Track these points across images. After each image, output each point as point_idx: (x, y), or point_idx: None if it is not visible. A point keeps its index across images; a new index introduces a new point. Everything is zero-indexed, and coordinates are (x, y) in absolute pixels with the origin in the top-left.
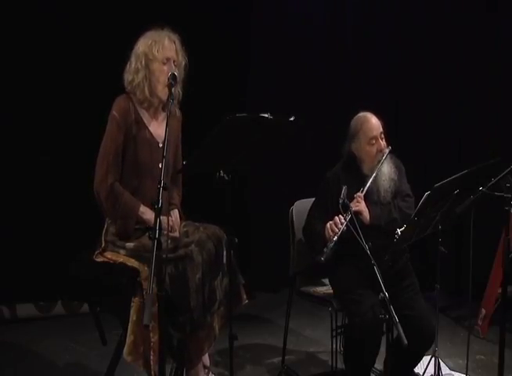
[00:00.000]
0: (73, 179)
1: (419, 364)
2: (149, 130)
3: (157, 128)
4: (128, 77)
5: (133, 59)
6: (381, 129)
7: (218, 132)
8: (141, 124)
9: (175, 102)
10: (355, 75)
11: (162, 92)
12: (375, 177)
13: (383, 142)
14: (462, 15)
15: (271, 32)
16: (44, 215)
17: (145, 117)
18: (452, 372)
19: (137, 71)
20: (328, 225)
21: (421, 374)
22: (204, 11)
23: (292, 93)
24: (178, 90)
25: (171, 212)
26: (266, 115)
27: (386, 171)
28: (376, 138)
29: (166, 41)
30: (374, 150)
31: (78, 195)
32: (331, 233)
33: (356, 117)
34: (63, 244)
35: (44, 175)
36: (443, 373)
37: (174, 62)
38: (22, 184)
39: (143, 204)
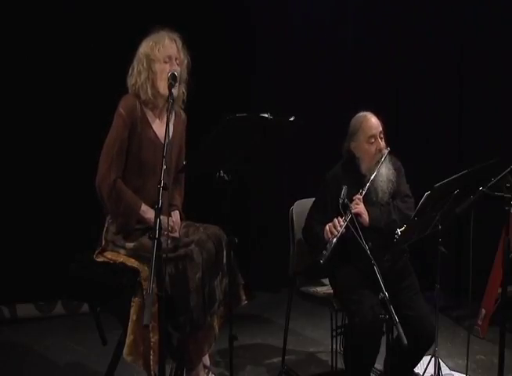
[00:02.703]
0: (73, 179)
1: (419, 364)
2: (153, 130)
3: (162, 129)
4: (130, 80)
5: (135, 62)
6: (381, 129)
7: (218, 132)
8: (146, 124)
9: (179, 102)
10: (356, 75)
11: (165, 91)
12: (373, 178)
13: (382, 143)
14: (462, 15)
15: (273, 33)
16: (44, 215)
17: (150, 117)
18: (452, 372)
19: (139, 73)
20: (327, 227)
21: (421, 374)
22: (207, 12)
23: (292, 93)
24: (182, 90)
25: (172, 213)
26: (266, 115)
27: (384, 173)
28: (375, 136)
29: (166, 40)
30: (373, 148)
31: (79, 195)
32: (330, 236)
33: (356, 115)
34: (63, 243)
35: (44, 175)
36: (443, 373)
37: (176, 60)
38: (22, 184)
39: (145, 201)
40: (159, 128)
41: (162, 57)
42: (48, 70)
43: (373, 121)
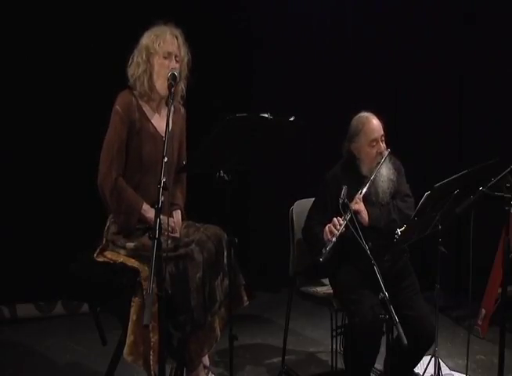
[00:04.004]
0: (73, 179)
1: (419, 364)
2: (152, 124)
3: (161, 122)
4: (130, 70)
5: (136, 52)
6: (382, 132)
7: (218, 132)
8: (144, 119)
9: (178, 98)
10: (356, 75)
11: (161, 87)
12: (373, 179)
13: (383, 145)
14: (463, 14)
15: (273, 32)
16: (44, 215)
17: (148, 111)
18: (452, 372)
19: (138, 65)
20: (327, 227)
21: (421, 374)
22: (207, 10)
23: (292, 93)
24: (181, 86)
25: (174, 213)
26: (266, 115)
27: (384, 173)
28: (376, 140)
29: (168, 36)
30: (374, 151)
31: (79, 194)
32: (329, 235)
33: (358, 116)
34: (63, 243)
35: (44, 175)
36: (443, 373)
37: (176, 57)
38: (22, 183)
39: (146, 198)
40: (158, 121)
41: (161, 52)
42: (46, 69)
43: (374, 124)
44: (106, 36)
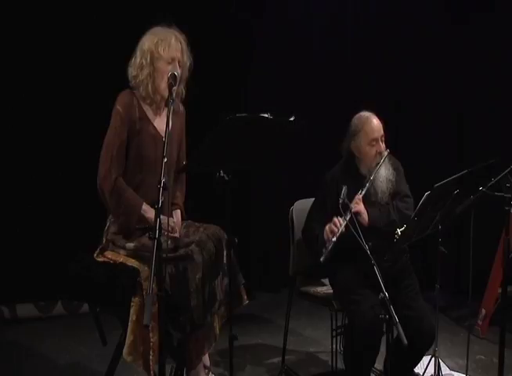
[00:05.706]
0: (73, 179)
1: (419, 364)
2: (153, 125)
3: (161, 123)
4: (132, 71)
5: (138, 53)
6: (382, 132)
7: (218, 132)
8: (145, 120)
9: (178, 100)
10: (356, 75)
11: (165, 91)
12: (373, 179)
13: (382, 145)
14: (462, 14)
15: (271, 32)
16: (44, 215)
17: (148, 112)
18: (452, 372)
19: (141, 67)
20: (327, 227)
21: (421, 374)
22: (207, 10)
23: (292, 93)
24: (181, 89)
25: (173, 213)
26: (266, 115)
27: (383, 173)
28: (376, 140)
29: (172, 41)
30: (373, 151)
31: (79, 195)
32: (330, 235)
33: (358, 115)
34: (63, 243)
35: (44, 175)
36: (443, 373)
37: (179, 62)
38: (22, 183)
39: (146, 199)
40: (158, 122)
41: (166, 57)
42: (46, 69)
43: (375, 124)
44: (106, 36)
